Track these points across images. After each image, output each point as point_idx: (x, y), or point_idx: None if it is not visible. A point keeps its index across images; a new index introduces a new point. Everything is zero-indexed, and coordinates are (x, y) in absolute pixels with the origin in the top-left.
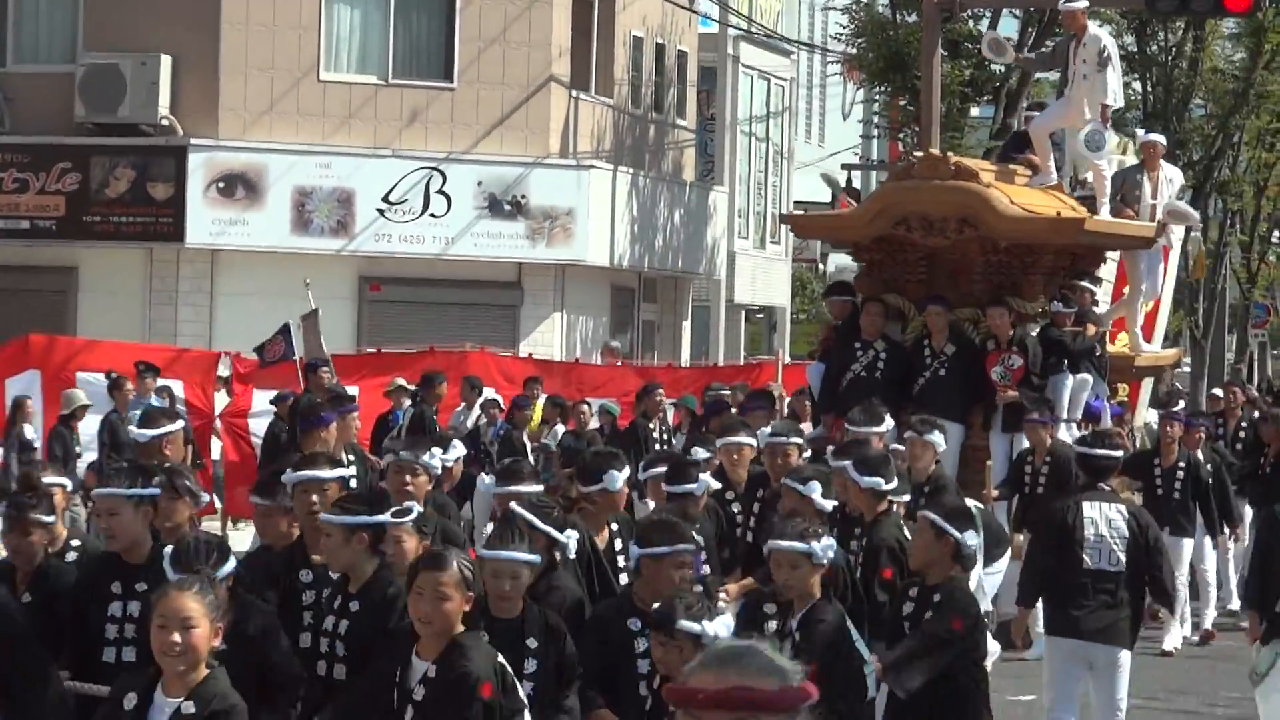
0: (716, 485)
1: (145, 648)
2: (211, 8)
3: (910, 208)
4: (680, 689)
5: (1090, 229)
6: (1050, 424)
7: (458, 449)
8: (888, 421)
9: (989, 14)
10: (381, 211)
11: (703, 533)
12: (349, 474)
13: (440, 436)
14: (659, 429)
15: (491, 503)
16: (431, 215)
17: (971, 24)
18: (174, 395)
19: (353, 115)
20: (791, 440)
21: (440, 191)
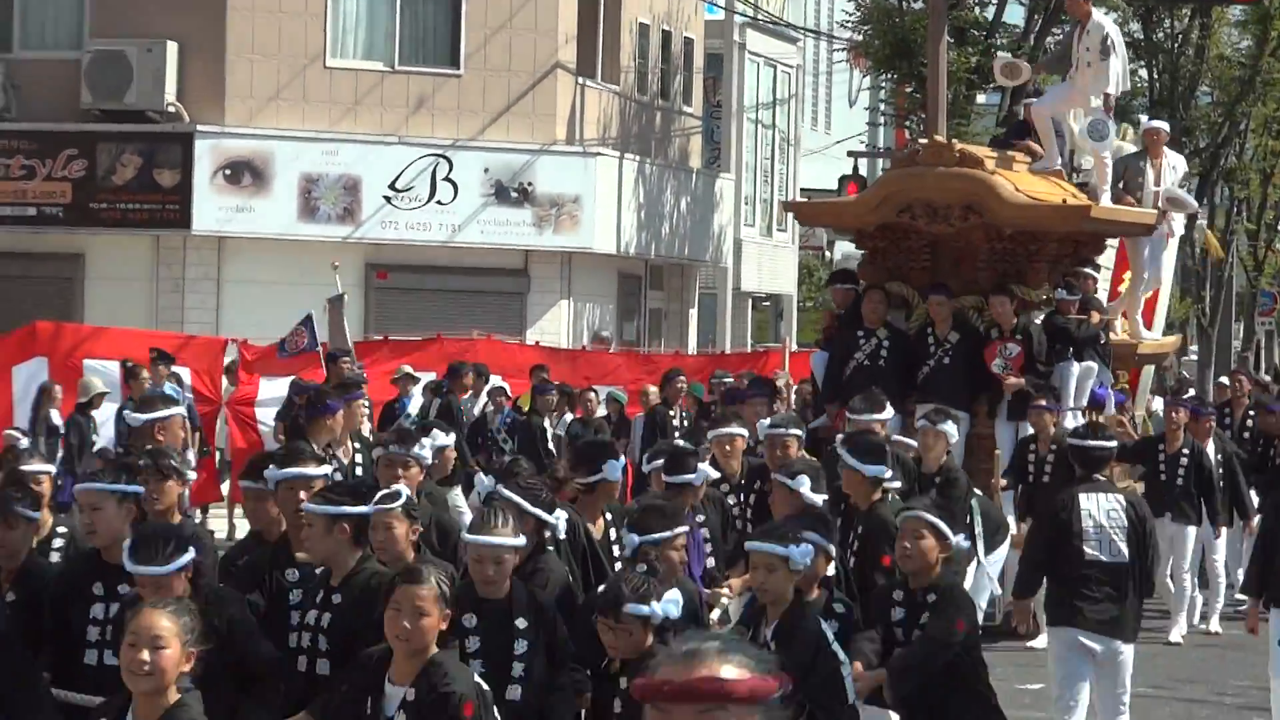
0: (715, 474)
1: None
2: None
3: (915, 194)
4: (646, 682)
5: (1095, 216)
6: (1055, 411)
7: (443, 437)
8: (889, 409)
9: (995, 1)
10: (388, 199)
11: (708, 524)
12: (329, 470)
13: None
14: (679, 416)
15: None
16: (438, 202)
17: (978, 10)
18: (182, 381)
19: (359, 102)
20: (790, 432)
21: (447, 179)
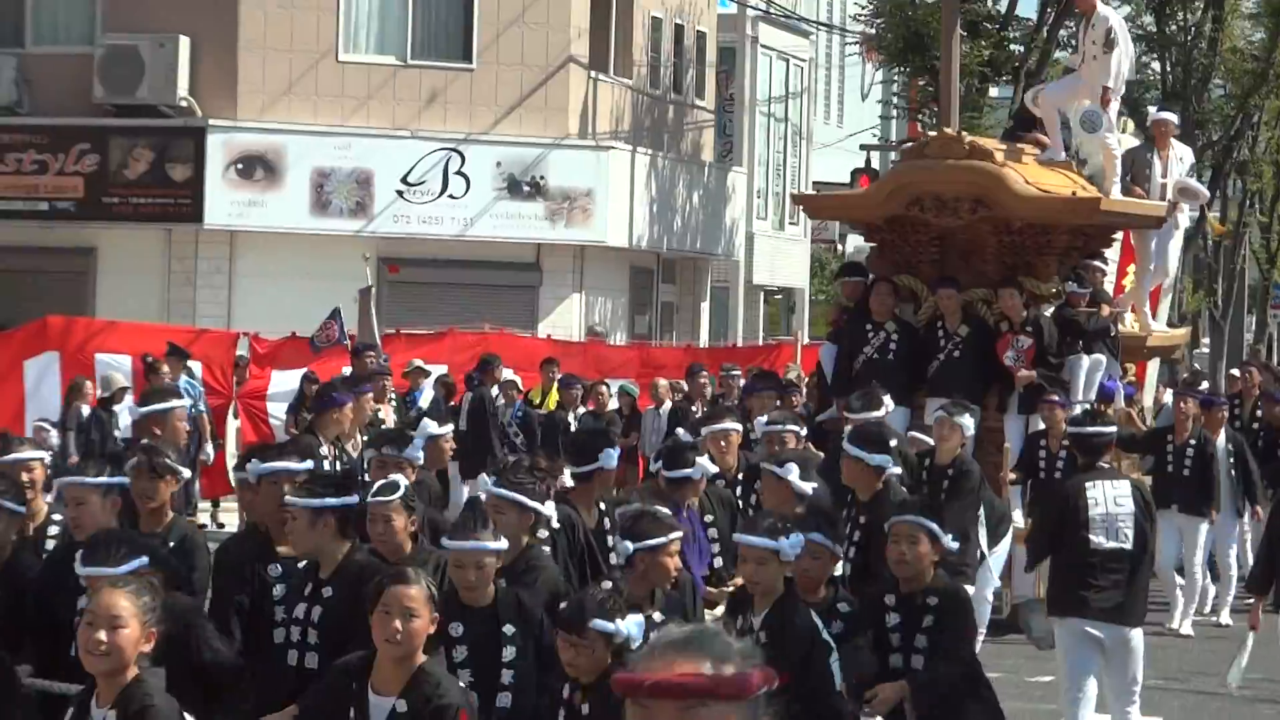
0: (714, 469)
1: None
2: None
3: (924, 187)
4: (626, 677)
5: (1106, 208)
6: (1067, 406)
7: (434, 427)
8: (886, 405)
9: None
10: (400, 193)
11: (717, 524)
12: (312, 465)
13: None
14: (700, 411)
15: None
16: (450, 196)
17: (991, 4)
18: (194, 375)
19: (371, 96)
20: (788, 428)
21: (459, 172)
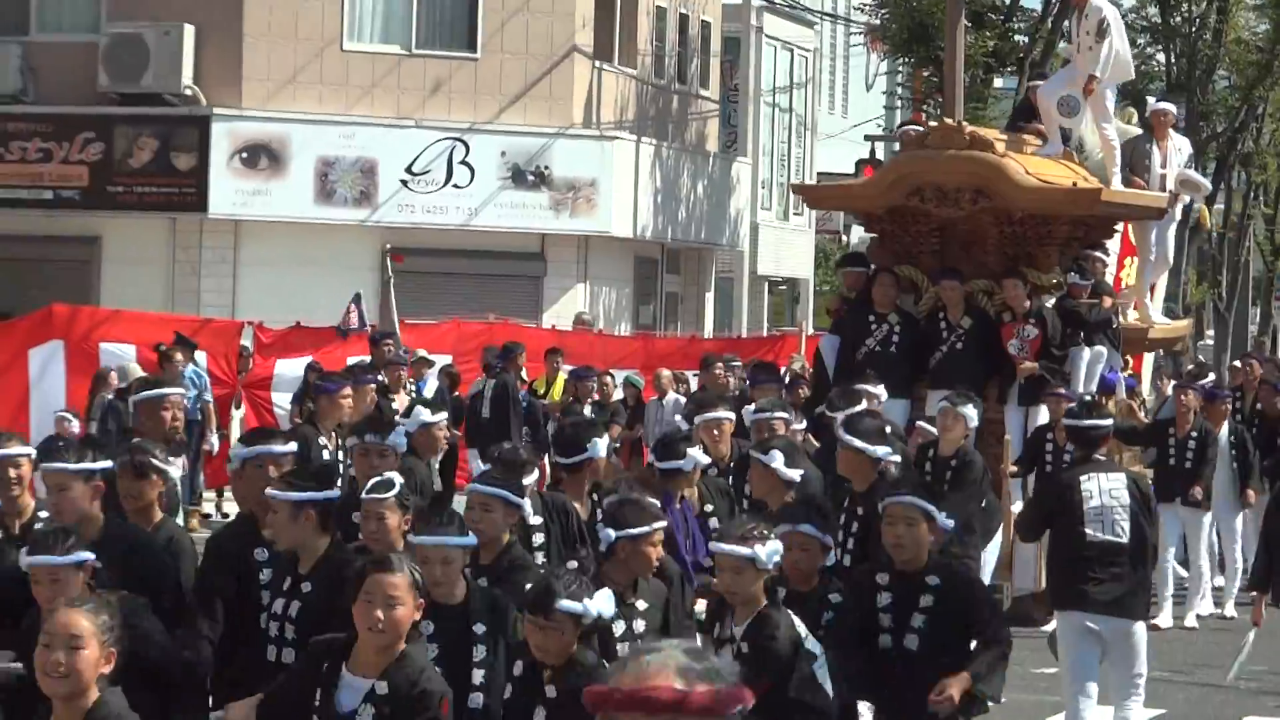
0: (706, 459)
1: None
2: None
3: (925, 178)
4: (597, 690)
5: (1107, 199)
6: (1073, 399)
7: (427, 414)
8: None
9: None
10: (404, 182)
11: (717, 514)
12: (292, 449)
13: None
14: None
15: None
16: (455, 186)
17: None
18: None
19: (376, 85)
20: (776, 415)
21: (463, 162)
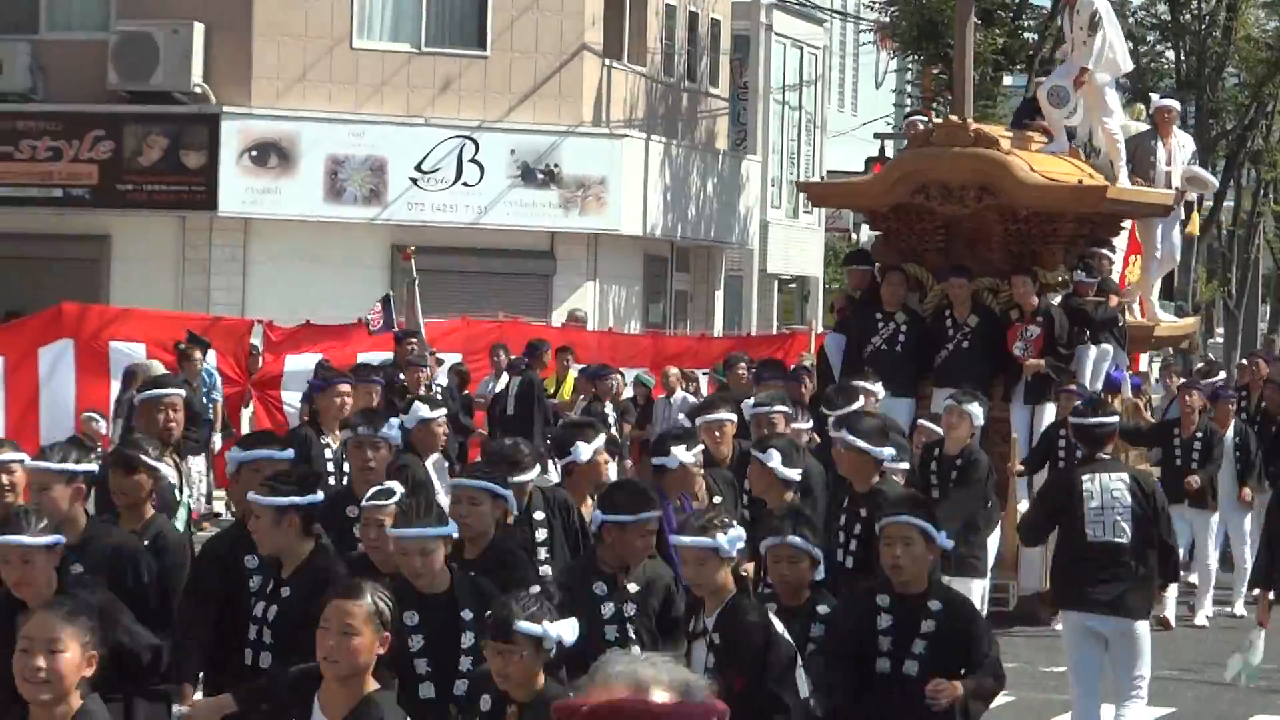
0: (690, 458)
1: None
2: None
3: (929, 175)
4: (565, 705)
5: (1112, 197)
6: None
7: (425, 410)
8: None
9: None
10: (414, 180)
11: (724, 504)
12: (288, 455)
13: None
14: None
15: None
16: (464, 184)
17: None
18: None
19: (385, 83)
20: (776, 409)
21: (473, 160)
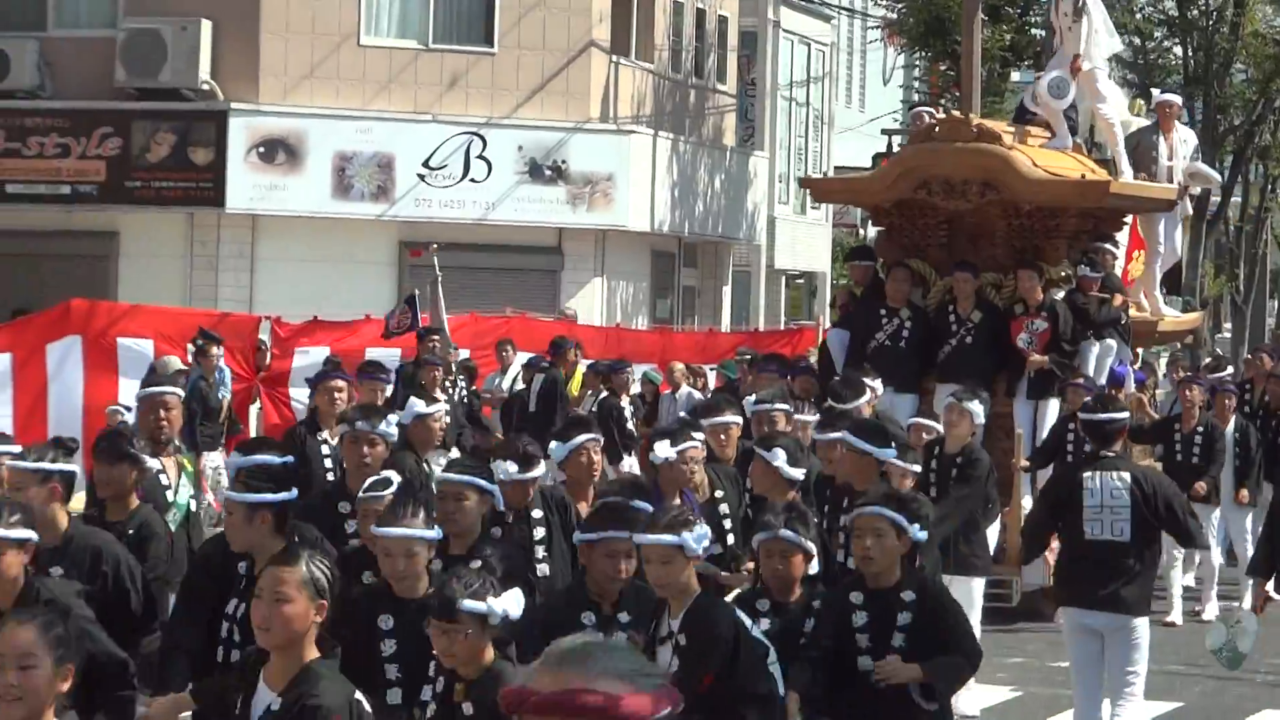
0: (672, 454)
1: None
2: None
3: (932, 170)
4: (513, 691)
5: (1115, 191)
6: (1094, 390)
7: (421, 405)
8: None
9: None
10: (422, 177)
11: (727, 500)
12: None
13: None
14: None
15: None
16: (472, 180)
17: None
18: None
19: (393, 80)
20: (776, 406)
21: (480, 157)
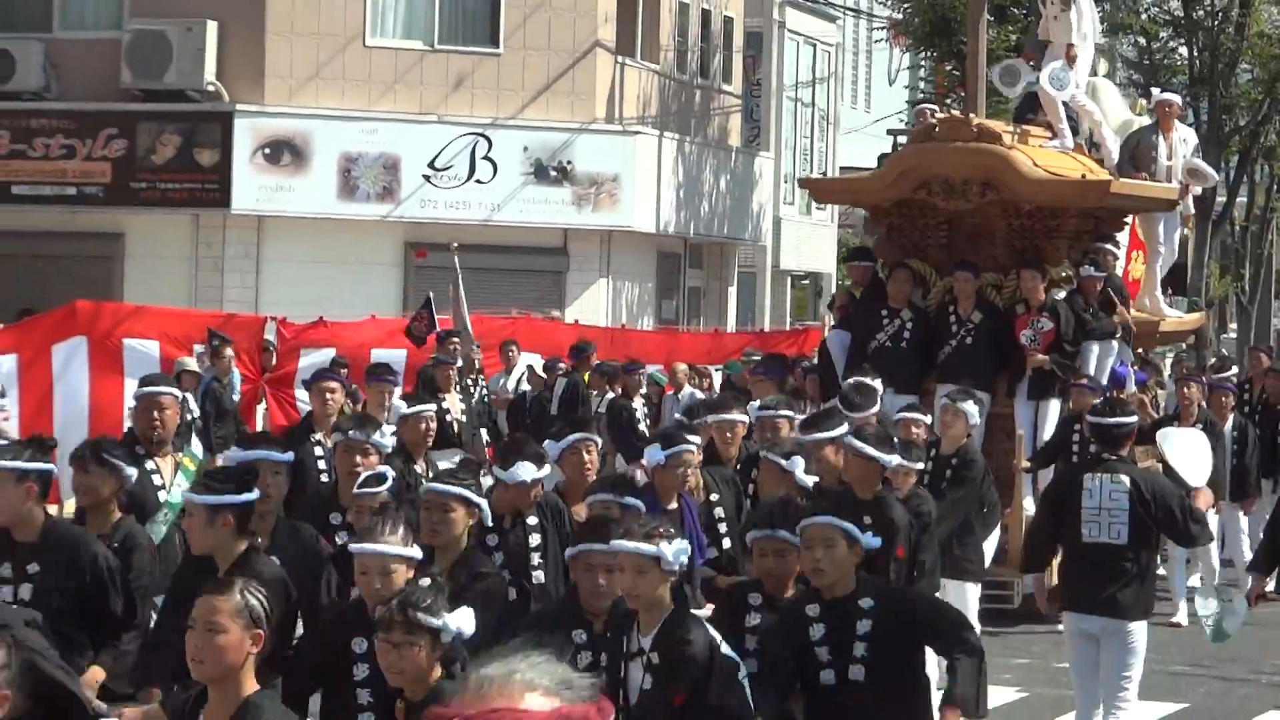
0: (661, 458)
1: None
2: None
3: (932, 170)
4: (439, 714)
5: (1117, 191)
6: (1097, 391)
7: (402, 406)
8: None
9: None
10: (427, 178)
11: (723, 504)
12: (289, 458)
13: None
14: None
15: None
16: (477, 181)
17: None
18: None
19: (398, 81)
20: (781, 413)
21: (486, 157)
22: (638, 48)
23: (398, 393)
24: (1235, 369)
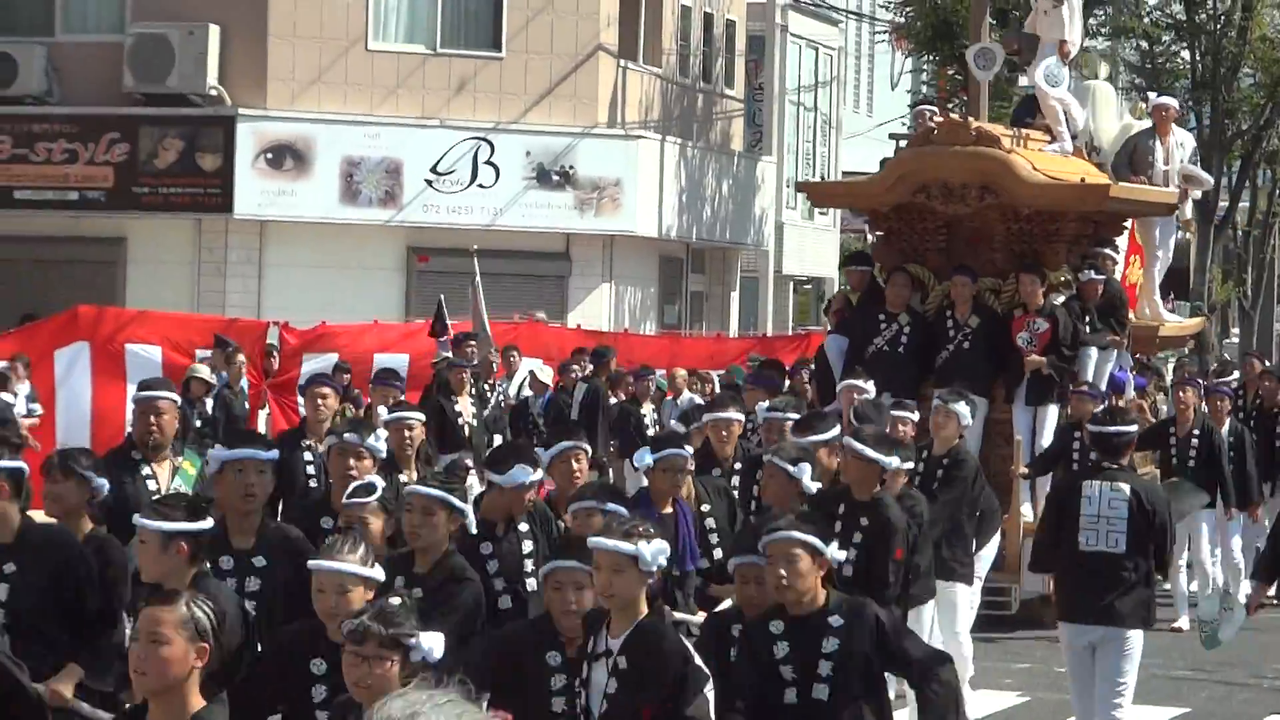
0: (650, 461)
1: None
2: None
3: (930, 174)
4: None
5: (1116, 195)
6: (1097, 398)
7: (384, 413)
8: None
9: None
10: (429, 182)
11: (714, 514)
12: (273, 456)
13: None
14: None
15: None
16: (479, 185)
17: None
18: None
19: (401, 85)
20: (788, 416)
21: (488, 162)
22: (640, 52)
23: (403, 398)
24: (1236, 374)
